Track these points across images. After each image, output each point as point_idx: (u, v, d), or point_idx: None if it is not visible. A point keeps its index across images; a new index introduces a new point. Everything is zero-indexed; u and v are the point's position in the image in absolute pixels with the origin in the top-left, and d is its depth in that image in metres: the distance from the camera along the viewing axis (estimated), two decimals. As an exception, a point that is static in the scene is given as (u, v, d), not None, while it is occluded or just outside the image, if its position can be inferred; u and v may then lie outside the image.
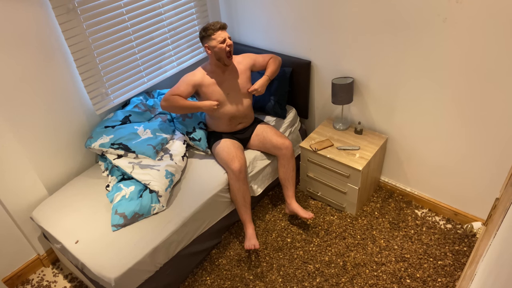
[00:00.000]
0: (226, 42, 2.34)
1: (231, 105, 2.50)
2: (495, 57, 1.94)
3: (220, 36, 2.32)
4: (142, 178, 2.25)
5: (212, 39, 2.32)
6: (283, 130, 2.80)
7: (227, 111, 2.50)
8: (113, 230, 2.12)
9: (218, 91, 2.45)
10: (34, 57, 2.16)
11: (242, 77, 2.52)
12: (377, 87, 2.48)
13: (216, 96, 2.45)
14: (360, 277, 2.31)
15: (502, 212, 1.35)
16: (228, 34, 2.39)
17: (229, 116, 2.52)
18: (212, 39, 2.32)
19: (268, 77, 2.53)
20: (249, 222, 2.48)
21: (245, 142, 2.64)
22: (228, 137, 2.57)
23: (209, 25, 2.33)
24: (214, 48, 2.33)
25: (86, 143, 2.44)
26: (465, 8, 1.91)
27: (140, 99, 2.69)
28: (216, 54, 2.35)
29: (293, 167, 2.57)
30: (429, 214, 2.65)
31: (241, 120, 2.59)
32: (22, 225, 2.41)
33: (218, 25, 2.33)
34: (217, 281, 2.38)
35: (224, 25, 2.35)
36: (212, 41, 2.33)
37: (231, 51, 2.37)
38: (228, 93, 2.48)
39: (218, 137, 2.58)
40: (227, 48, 2.33)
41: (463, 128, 2.25)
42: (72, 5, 2.20)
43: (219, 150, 2.48)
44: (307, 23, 2.59)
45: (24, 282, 2.54)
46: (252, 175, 2.55)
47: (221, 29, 2.33)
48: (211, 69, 2.46)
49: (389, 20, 2.20)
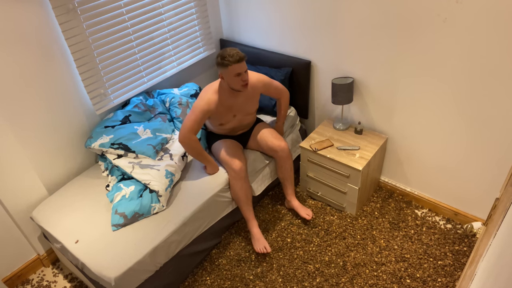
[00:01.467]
0: (242, 77, 2.21)
1: (235, 122, 2.51)
2: (495, 57, 1.94)
3: (237, 70, 2.18)
4: (142, 178, 2.25)
5: (227, 70, 2.18)
6: (283, 130, 2.80)
7: (230, 126, 2.52)
8: (113, 230, 2.12)
9: (226, 114, 2.41)
10: (34, 57, 2.16)
11: (252, 101, 2.46)
12: (377, 87, 2.48)
13: (223, 118, 2.42)
14: (360, 277, 2.31)
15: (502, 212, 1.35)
16: (245, 66, 2.22)
17: (231, 128, 2.54)
18: (228, 70, 2.19)
19: (282, 123, 2.69)
20: (253, 219, 2.49)
21: (244, 142, 2.64)
22: (227, 137, 2.58)
23: (227, 54, 2.17)
24: (228, 79, 2.23)
25: (86, 143, 2.44)
26: (465, 8, 1.91)
27: (140, 99, 2.69)
28: (230, 84, 2.26)
29: (290, 167, 2.58)
30: (429, 214, 2.65)
31: (242, 128, 2.61)
32: (22, 225, 2.41)
33: (237, 57, 2.16)
34: (217, 281, 2.38)
35: (243, 57, 2.19)
36: (227, 72, 2.20)
37: (246, 84, 2.25)
38: (236, 114, 2.45)
39: (217, 137, 2.58)
40: (241, 83, 2.22)
41: (463, 128, 2.25)
42: (72, 5, 2.20)
43: (219, 151, 2.47)
44: (307, 23, 2.59)
45: (24, 282, 2.54)
46: (252, 175, 2.55)
47: (238, 62, 2.17)
48: (224, 93, 2.34)
49: (389, 20, 2.20)
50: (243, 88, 2.25)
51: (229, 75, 2.20)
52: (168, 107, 2.76)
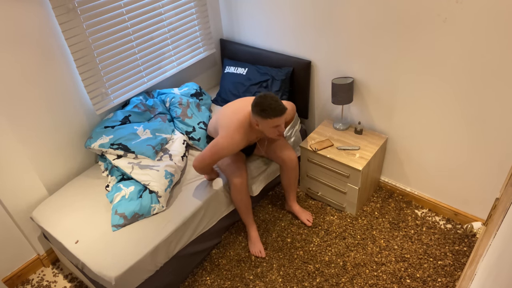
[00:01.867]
0: (279, 128, 2.13)
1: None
2: (495, 57, 1.94)
3: (275, 123, 2.08)
4: (142, 178, 2.25)
5: (266, 121, 2.08)
6: (285, 130, 2.79)
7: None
8: (113, 230, 2.12)
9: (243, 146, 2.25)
10: (34, 57, 2.16)
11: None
12: (377, 87, 2.48)
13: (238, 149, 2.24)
14: (360, 277, 2.31)
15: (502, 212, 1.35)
16: (284, 118, 2.11)
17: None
18: (266, 122, 2.08)
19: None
20: (252, 224, 2.50)
21: (249, 151, 2.56)
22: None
23: (267, 105, 2.03)
24: (264, 129, 2.14)
25: (86, 143, 2.44)
26: (465, 8, 1.91)
27: (140, 99, 2.69)
28: (264, 132, 2.16)
29: (296, 176, 2.53)
30: (429, 214, 2.65)
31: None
32: (22, 225, 2.41)
33: (278, 111, 2.04)
34: (217, 281, 2.38)
35: (284, 110, 2.06)
36: (264, 123, 2.10)
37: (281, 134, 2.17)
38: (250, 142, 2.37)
39: None
40: (277, 133, 2.15)
41: (463, 128, 2.25)
42: (72, 5, 2.20)
43: (221, 161, 2.41)
44: (307, 23, 2.59)
45: (24, 282, 2.54)
46: (251, 177, 2.55)
47: (279, 116, 2.06)
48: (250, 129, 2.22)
49: (389, 20, 2.20)
50: (278, 137, 2.19)
51: (266, 126, 2.12)
52: (168, 107, 2.75)
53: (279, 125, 2.11)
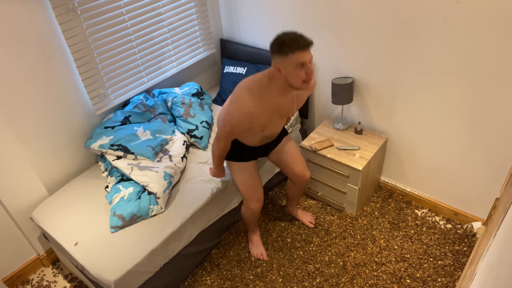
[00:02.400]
0: (306, 68, 1.68)
1: (273, 126, 2.05)
2: (495, 57, 1.94)
3: (300, 58, 1.65)
4: (141, 179, 2.24)
5: (287, 59, 1.66)
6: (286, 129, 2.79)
7: (266, 131, 2.06)
8: (111, 231, 2.12)
9: (264, 118, 1.89)
10: (34, 57, 2.16)
11: (301, 101, 1.99)
12: (377, 87, 2.48)
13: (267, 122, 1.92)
14: (360, 277, 2.31)
15: (502, 212, 1.35)
16: (311, 54, 1.69)
17: (262, 137, 2.11)
18: (288, 61, 1.66)
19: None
20: (256, 230, 2.51)
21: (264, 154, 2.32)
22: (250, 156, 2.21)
23: (286, 38, 1.64)
24: (288, 72, 1.70)
25: (86, 143, 2.44)
26: (465, 8, 1.91)
27: (140, 99, 2.69)
28: (288, 79, 1.72)
29: (304, 191, 2.45)
30: (429, 214, 2.65)
31: (272, 137, 2.19)
32: (22, 225, 2.41)
33: (302, 43, 1.64)
34: (217, 281, 2.38)
35: (308, 42, 1.66)
36: (286, 62, 1.67)
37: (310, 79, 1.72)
38: (273, 118, 1.96)
39: (240, 152, 2.19)
40: (304, 77, 1.70)
41: (463, 128, 2.25)
42: (72, 5, 2.20)
43: (238, 179, 2.23)
44: (307, 22, 2.59)
45: (24, 282, 2.54)
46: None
47: (304, 49, 1.65)
48: (274, 91, 1.83)
49: (389, 20, 2.20)
50: (304, 85, 1.73)
51: (289, 67, 1.68)
52: (170, 106, 2.75)
53: (305, 63, 1.66)
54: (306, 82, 1.71)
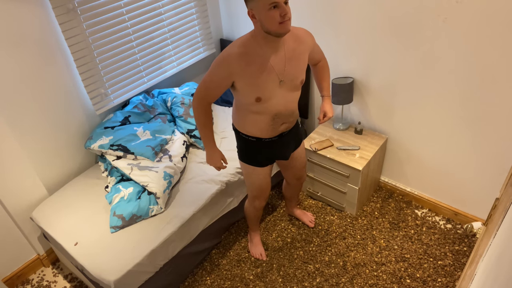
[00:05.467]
0: (280, 10, 1.53)
1: (280, 99, 1.79)
2: (495, 57, 1.94)
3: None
4: (141, 179, 2.25)
5: (259, 1, 1.53)
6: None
7: (274, 106, 1.79)
8: (111, 232, 2.12)
9: (265, 77, 1.69)
10: (34, 57, 2.16)
11: (300, 60, 1.77)
12: (377, 87, 2.48)
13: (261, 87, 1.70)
14: (360, 277, 2.31)
15: (502, 212, 1.35)
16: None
17: (274, 113, 1.82)
18: (259, 2, 1.53)
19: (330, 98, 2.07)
20: (257, 229, 2.50)
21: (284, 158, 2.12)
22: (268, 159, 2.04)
23: None
24: (262, 16, 1.55)
25: (86, 143, 2.44)
26: (465, 8, 1.91)
27: (140, 99, 2.69)
28: (264, 24, 1.57)
29: (301, 188, 2.45)
30: (429, 214, 2.65)
31: (285, 119, 1.89)
32: (22, 225, 2.41)
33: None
34: (217, 281, 2.38)
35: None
36: (258, 4, 1.53)
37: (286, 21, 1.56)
38: (282, 79, 1.74)
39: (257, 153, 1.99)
40: (279, 19, 1.54)
41: (463, 128, 2.25)
42: (72, 5, 2.20)
43: (251, 182, 2.12)
44: (307, 22, 2.59)
45: (24, 282, 2.54)
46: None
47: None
48: (258, 44, 1.66)
49: (389, 20, 2.20)
50: (282, 27, 1.56)
51: (261, 9, 1.53)
52: (169, 106, 2.75)
53: (278, 3, 1.51)
54: (283, 24, 1.56)
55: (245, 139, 1.95)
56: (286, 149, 2.05)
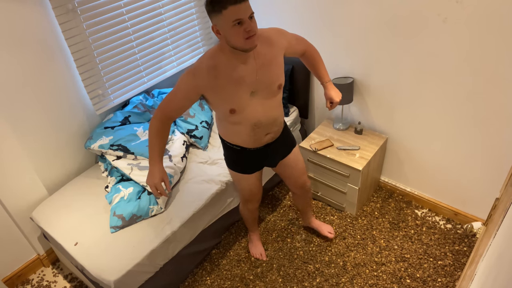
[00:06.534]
0: (244, 26, 1.47)
1: (256, 107, 1.72)
2: (495, 57, 1.94)
3: (234, 14, 1.44)
4: (141, 179, 2.25)
5: (222, 18, 1.46)
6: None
7: (251, 115, 1.73)
8: (111, 232, 2.12)
9: (237, 89, 1.64)
10: (34, 57, 2.16)
11: (274, 64, 1.69)
12: (377, 87, 2.48)
13: (233, 99, 1.65)
14: (360, 277, 2.31)
15: (502, 212, 1.35)
16: (250, 9, 1.48)
17: (253, 123, 1.75)
18: (222, 19, 1.46)
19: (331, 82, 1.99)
20: (256, 229, 2.50)
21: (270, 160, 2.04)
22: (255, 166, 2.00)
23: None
24: (226, 32, 1.50)
25: (86, 143, 2.44)
26: (465, 8, 1.91)
27: (140, 99, 2.69)
28: (229, 40, 1.52)
29: (310, 197, 2.35)
30: (429, 214, 2.65)
31: (269, 129, 1.83)
32: (22, 225, 2.41)
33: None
34: (217, 281, 2.38)
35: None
36: (222, 21, 1.47)
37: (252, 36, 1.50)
38: (254, 90, 1.68)
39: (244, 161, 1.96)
40: (244, 35, 1.48)
41: (463, 128, 2.25)
42: (72, 5, 2.20)
43: (241, 188, 2.12)
44: (307, 22, 2.59)
45: (24, 282, 2.54)
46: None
47: (235, 3, 1.43)
48: (226, 57, 1.60)
49: (389, 20, 2.20)
50: (248, 43, 1.50)
51: (225, 25, 1.47)
52: (168, 107, 2.75)
53: (242, 19, 1.45)
54: (249, 40, 1.50)
55: (230, 147, 1.91)
56: (274, 157, 2.02)
